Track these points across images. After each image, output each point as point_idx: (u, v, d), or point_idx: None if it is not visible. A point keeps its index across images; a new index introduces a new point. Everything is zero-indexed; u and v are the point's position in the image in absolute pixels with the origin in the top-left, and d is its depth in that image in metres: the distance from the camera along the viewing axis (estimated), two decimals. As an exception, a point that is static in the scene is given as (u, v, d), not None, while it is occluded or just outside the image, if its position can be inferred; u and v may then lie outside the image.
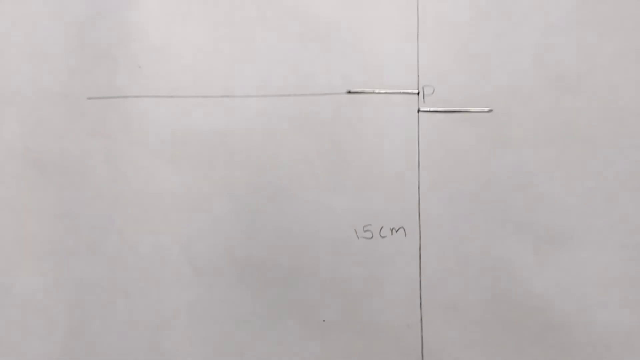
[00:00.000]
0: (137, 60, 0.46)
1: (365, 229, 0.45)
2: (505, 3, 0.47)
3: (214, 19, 0.47)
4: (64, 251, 0.45)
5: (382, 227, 0.45)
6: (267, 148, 0.46)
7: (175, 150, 0.46)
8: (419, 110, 0.46)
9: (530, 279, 0.44)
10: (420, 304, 0.44)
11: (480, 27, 0.46)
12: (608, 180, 0.44)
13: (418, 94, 0.46)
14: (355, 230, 0.45)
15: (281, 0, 0.47)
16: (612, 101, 0.45)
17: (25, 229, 0.45)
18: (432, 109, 0.46)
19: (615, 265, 0.43)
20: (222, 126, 0.46)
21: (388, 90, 0.46)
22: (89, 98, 0.46)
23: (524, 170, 0.45)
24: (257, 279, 0.45)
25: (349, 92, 0.46)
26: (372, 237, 0.44)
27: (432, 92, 0.46)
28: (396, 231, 0.44)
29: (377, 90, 0.46)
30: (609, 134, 0.45)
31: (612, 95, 0.45)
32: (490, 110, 0.45)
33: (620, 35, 0.46)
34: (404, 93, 0.46)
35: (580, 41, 0.46)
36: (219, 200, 0.45)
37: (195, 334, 0.45)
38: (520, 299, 0.44)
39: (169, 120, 0.46)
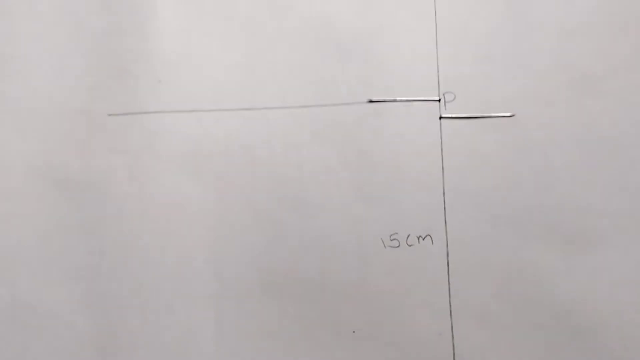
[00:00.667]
0: (156, 76, 0.46)
1: (392, 237, 0.44)
2: (522, 6, 0.47)
3: (231, 32, 0.47)
4: (89, 268, 0.45)
5: (408, 236, 0.44)
6: (289, 159, 0.45)
7: (197, 164, 0.46)
8: (440, 117, 0.46)
9: (559, 282, 0.43)
10: (450, 311, 0.44)
11: (498, 31, 0.46)
12: (633, 180, 0.44)
13: (439, 100, 0.46)
14: (382, 240, 0.44)
15: (299, 11, 0.47)
16: (633, 101, 0.45)
17: (50, 246, 0.45)
18: (453, 115, 0.46)
19: (646, 267, 0.43)
20: (244, 139, 0.46)
21: (409, 98, 0.46)
22: (110, 114, 0.46)
23: (548, 173, 0.44)
24: (283, 290, 0.44)
25: (370, 101, 0.46)
26: (399, 245, 0.44)
27: (453, 99, 0.46)
28: (423, 239, 0.44)
29: (398, 99, 0.46)
30: (631, 134, 0.45)
31: (633, 96, 0.45)
32: (512, 115, 0.45)
33: (638, 35, 0.46)
34: (425, 100, 0.46)
35: (599, 43, 0.46)
36: (243, 212, 0.45)
37: (223, 347, 0.44)
38: (550, 302, 0.43)
39: (190, 134, 0.46)
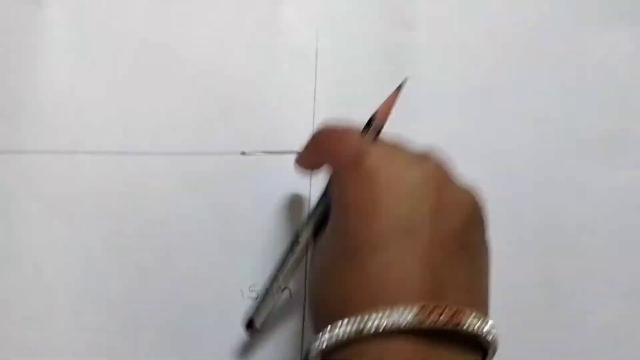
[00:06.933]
0: (39, 115, 0.47)
1: (251, 289, 0.45)
2: (400, 61, 0.48)
3: (117, 73, 0.48)
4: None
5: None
6: (160, 206, 0.46)
7: (69, 207, 0.46)
8: (311, 171, 0.47)
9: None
10: (303, 364, 0.44)
11: (377, 86, 0.47)
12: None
13: (312, 154, 0.47)
14: (241, 290, 0.45)
15: (185, 58, 0.48)
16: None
17: None
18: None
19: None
20: (117, 183, 0.47)
21: (281, 150, 0.47)
22: (-12, 153, 0.47)
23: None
24: (142, 338, 0.44)
25: (243, 153, 0.47)
26: (257, 297, 0.45)
27: (326, 153, 0.47)
28: (282, 291, 0.45)
29: (270, 151, 0.47)
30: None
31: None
32: (381, 172, 0.46)
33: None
34: (297, 153, 0.47)
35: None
36: (109, 258, 0.45)
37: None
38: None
39: (65, 175, 0.47)
